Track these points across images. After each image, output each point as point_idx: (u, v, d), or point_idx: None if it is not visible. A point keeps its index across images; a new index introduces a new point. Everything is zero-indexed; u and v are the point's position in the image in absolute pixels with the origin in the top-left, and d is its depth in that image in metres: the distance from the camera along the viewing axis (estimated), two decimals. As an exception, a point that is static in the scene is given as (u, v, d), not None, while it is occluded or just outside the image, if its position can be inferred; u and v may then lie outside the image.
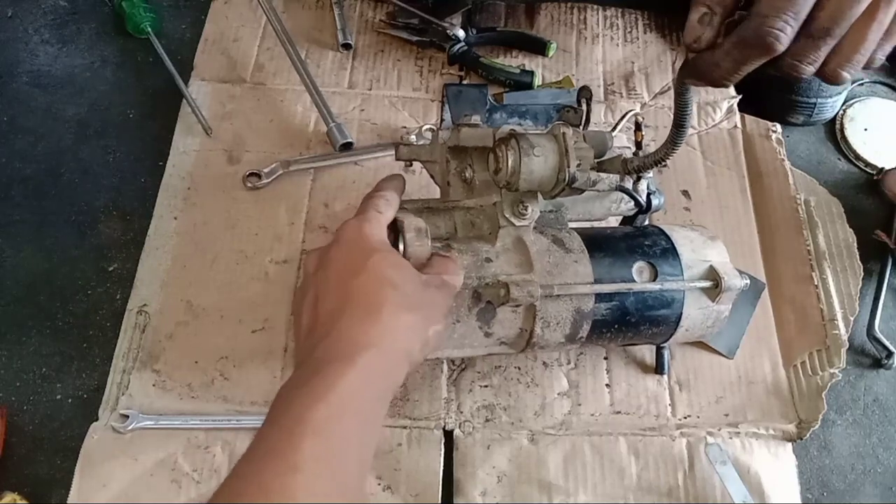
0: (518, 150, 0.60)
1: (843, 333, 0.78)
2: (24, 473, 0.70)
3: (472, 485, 0.70)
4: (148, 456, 0.69)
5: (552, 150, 0.61)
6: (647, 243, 0.68)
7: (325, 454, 0.42)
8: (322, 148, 0.91)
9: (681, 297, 0.66)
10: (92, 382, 0.75)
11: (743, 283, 0.67)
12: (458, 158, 0.68)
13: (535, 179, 0.61)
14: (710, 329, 0.70)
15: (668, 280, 0.65)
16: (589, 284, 0.64)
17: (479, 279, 0.62)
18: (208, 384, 0.74)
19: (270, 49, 0.99)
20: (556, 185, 0.61)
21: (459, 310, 0.62)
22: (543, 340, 0.65)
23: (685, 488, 0.70)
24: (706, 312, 0.68)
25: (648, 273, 0.66)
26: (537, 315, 0.63)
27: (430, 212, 0.66)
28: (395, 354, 0.50)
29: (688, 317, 0.67)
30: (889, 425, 0.77)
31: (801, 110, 0.97)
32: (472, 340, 0.65)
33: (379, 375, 0.48)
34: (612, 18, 1.06)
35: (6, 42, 1.01)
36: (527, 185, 0.61)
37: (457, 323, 0.63)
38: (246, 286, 0.80)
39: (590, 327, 0.65)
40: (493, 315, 0.63)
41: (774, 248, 0.85)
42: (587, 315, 0.64)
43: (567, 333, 0.65)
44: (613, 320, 0.66)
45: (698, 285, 0.66)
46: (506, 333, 0.65)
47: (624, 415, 0.74)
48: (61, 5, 1.06)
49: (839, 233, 0.86)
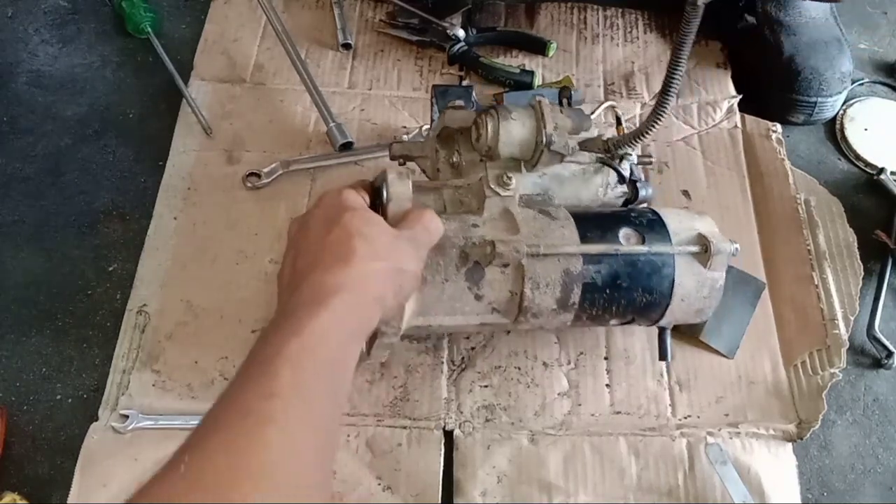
0: (497, 116, 0.66)
1: (844, 333, 0.78)
2: (24, 473, 0.70)
3: (472, 485, 0.70)
4: (148, 456, 0.69)
5: (529, 115, 0.66)
6: (633, 215, 0.69)
7: (299, 383, 0.45)
8: (322, 148, 0.91)
9: (671, 261, 0.66)
10: (92, 382, 0.75)
11: (732, 248, 0.67)
12: (446, 148, 0.72)
13: (514, 142, 0.66)
14: (706, 300, 0.69)
15: (655, 244, 0.66)
16: (575, 245, 0.65)
17: (466, 239, 0.64)
18: (208, 384, 0.74)
19: (270, 49, 0.99)
20: (535, 150, 0.66)
21: (447, 269, 0.63)
22: (535, 305, 0.65)
23: (685, 488, 0.70)
24: (700, 279, 0.67)
25: (636, 239, 0.67)
26: (526, 275, 0.64)
27: (420, 189, 0.67)
28: (366, 298, 0.53)
29: (681, 284, 0.67)
30: (889, 425, 0.77)
31: (801, 110, 0.97)
32: (464, 304, 0.65)
33: (350, 317, 0.51)
34: (612, 18, 1.06)
35: (6, 42, 1.01)
36: (507, 150, 0.66)
37: (446, 282, 0.63)
38: (246, 286, 0.80)
39: (581, 291, 0.65)
40: (481, 275, 0.64)
41: (775, 248, 0.85)
42: (576, 277, 0.65)
43: (558, 297, 0.65)
44: (604, 284, 0.65)
45: (687, 249, 0.67)
46: (496, 297, 0.65)
47: (624, 415, 0.74)
48: (61, 5, 1.06)
49: (839, 232, 0.86)
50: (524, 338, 0.78)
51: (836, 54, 0.95)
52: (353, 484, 0.69)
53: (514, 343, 0.78)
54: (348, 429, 0.72)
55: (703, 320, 0.71)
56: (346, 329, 0.50)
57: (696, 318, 0.70)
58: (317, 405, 0.46)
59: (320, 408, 0.46)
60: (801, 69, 0.94)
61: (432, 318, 0.65)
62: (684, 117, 0.96)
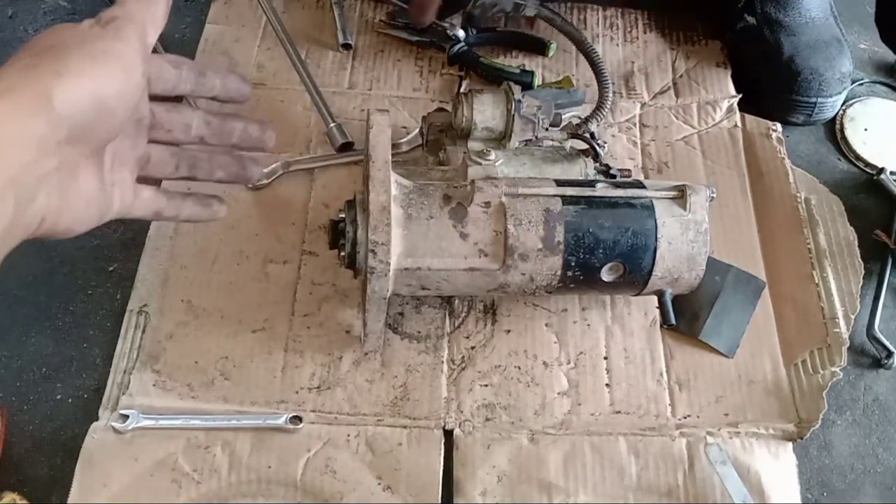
0: (471, 97, 0.75)
1: (844, 332, 0.78)
2: (24, 473, 0.70)
3: (472, 484, 0.70)
4: (148, 456, 0.69)
5: (499, 93, 0.76)
6: (608, 176, 0.75)
7: None
8: (322, 148, 0.91)
9: (650, 203, 0.69)
10: (92, 382, 0.75)
11: (709, 190, 0.70)
12: (434, 153, 0.80)
13: (486, 110, 0.75)
14: (693, 244, 0.69)
15: (631, 189, 0.70)
16: (553, 187, 0.69)
17: (448, 183, 0.68)
18: (208, 384, 0.74)
19: (270, 49, 0.99)
20: (507, 119, 0.75)
21: (431, 207, 0.66)
22: (520, 244, 0.66)
23: (685, 488, 0.70)
24: (682, 221, 0.69)
25: (612, 189, 0.70)
26: (507, 212, 0.66)
27: (409, 173, 0.70)
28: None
29: (664, 224, 0.68)
30: (889, 425, 0.77)
31: (800, 110, 0.97)
32: (450, 245, 0.66)
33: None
34: (612, 18, 1.06)
35: (6, 42, 1.01)
36: (482, 119, 0.75)
37: (430, 219, 0.66)
38: (246, 286, 0.80)
39: (564, 230, 0.67)
40: (464, 213, 0.66)
41: (775, 247, 0.85)
42: (558, 217, 0.67)
43: (542, 236, 0.67)
44: (587, 224, 0.67)
45: (663, 194, 0.69)
46: (481, 236, 0.67)
47: (624, 414, 0.74)
48: (61, 5, 1.06)
49: (840, 231, 0.86)
50: (524, 337, 0.78)
51: (836, 54, 0.95)
52: (353, 484, 0.69)
53: (514, 342, 0.78)
54: (348, 429, 0.72)
55: (698, 274, 0.71)
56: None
57: (690, 272, 0.70)
58: None
59: None
60: (801, 69, 0.94)
61: (420, 260, 0.66)
62: (684, 117, 0.96)
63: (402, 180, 0.68)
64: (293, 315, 0.78)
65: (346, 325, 0.78)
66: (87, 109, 0.44)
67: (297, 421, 0.71)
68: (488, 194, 0.66)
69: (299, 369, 0.75)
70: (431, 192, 0.67)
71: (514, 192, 0.67)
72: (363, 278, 0.67)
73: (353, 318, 0.78)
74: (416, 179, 0.69)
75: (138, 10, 0.49)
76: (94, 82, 0.45)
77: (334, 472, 0.69)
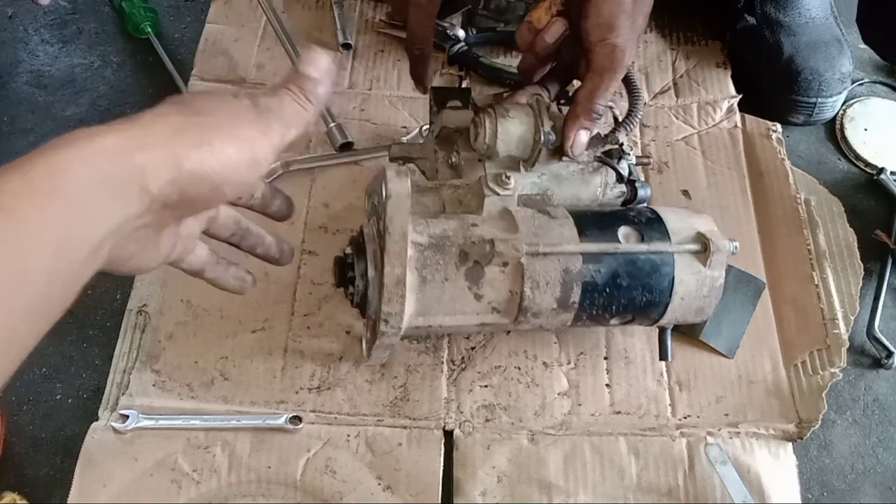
0: (494, 114, 0.66)
1: (844, 332, 0.78)
2: (24, 473, 0.70)
3: (472, 485, 0.70)
4: (148, 456, 0.69)
5: (526, 113, 0.67)
6: (631, 214, 0.69)
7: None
8: (322, 148, 0.91)
9: (670, 259, 0.66)
10: (92, 382, 0.75)
11: (732, 246, 0.67)
12: (445, 148, 0.72)
13: (512, 141, 0.66)
14: (706, 299, 0.68)
15: (654, 242, 0.66)
16: (575, 244, 0.65)
17: (465, 238, 0.64)
18: (208, 384, 0.74)
19: (270, 49, 0.99)
20: (533, 148, 0.67)
21: (447, 268, 0.64)
22: (535, 304, 0.65)
23: (685, 488, 0.70)
24: (699, 278, 0.67)
25: (635, 238, 0.67)
26: (525, 274, 0.64)
27: (419, 190, 0.68)
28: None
29: (681, 282, 0.67)
30: (889, 425, 0.77)
31: (800, 111, 0.97)
32: (464, 305, 0.65)
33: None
34: (612, 18, 1.06)
35: (6, 42, 1.02)
36: (505, 149, 0.67)
37: (445, 282, 0.64)
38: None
39: (581, 290, 0.65)
40: (481, 275, 0.64)
41: (775, 248, 0.85)
42: (576, 276, 0.65)
43: (558, 297, 0.65)
44: (604, 283, 0.65)
45: (686, 248, 0.67)
46: (496, 296, 0.65)
47: (624, 415, 0.74)
48: (61, 5, 1.06)
49: (840, 232, 0.86)
50: (524, 338, 0.78)
51: (836, 54, 0.95)
52: (353, 484, 0.69)
53: (514, 343, 0.78)
54: (348, 429, 0.72)
55: (704, 319, 0.71)
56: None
57: (697, 318, 0.70)
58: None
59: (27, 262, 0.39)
60: (801, 70, 0.94)
61: (432, 319, 0.65)
62: (684, 117, 0.96)
63: (418, 237, 0.63)
64: (293, 315, 0.78)
65: (346, 326, 0.78)
66: (204, 187, 0.45)
67: (297, 421, 0.71)
68: (507, 255, 0.63)
69: (299, 369, 0.75)
70: (448, 247, 0.63)
71: (535, 252, 0.63)
72: (371, 325, 0.67)
73: (353, 318, 0.78)
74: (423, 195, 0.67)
75: (292, 112, 0.49)
76: (225, 167, 0.45)
77: (334, 472, 0.69)
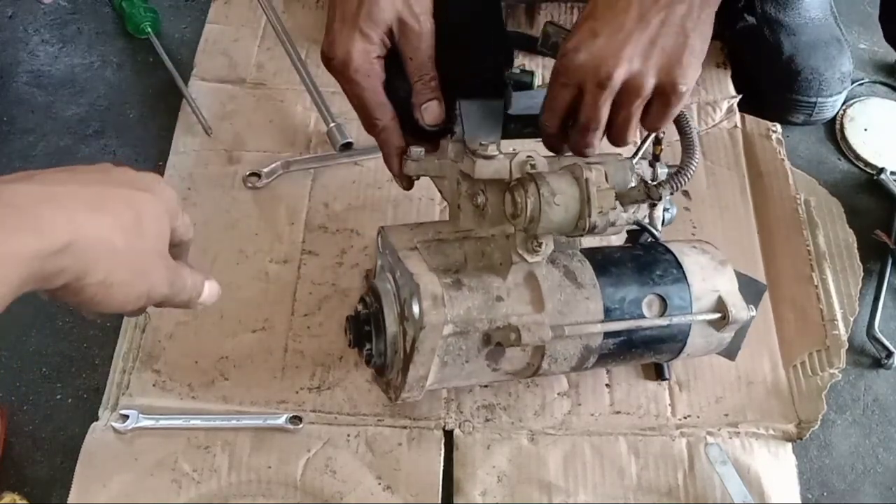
0: (538, 199, 0.57)
1: (843, 333, 0.78)
2: (24, 473, 0.70)
3: (472, 485, 0.70)
4: (148, 456, 0.69)
5: (573, 196, 0.58)
6: (658, 272, 0.67)
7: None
8: (322, 148, 0.91)
9: (687, 328, 0.67)
10: (92, 382, 0.75)
11: (749, 316, 0.67)
12: (469, 180, 0.64)
13: (553, 227, 0.59)
14: (710, 351, 0.72)
15: (676, 315, 0.66)
16: (599, 323, 0.63)
17: (490, 322, 0.61)
18: (208, 384, 0.74)
19: (270, 49, 0.99)
20: (575, 229, 0.60)
21: (469, 352, 0.62)
22: (549, 371, 0.67)
23: (685, 488, 0.70)
24: (709, 340, 0.69)
25: (658, 306, 0.66)
26: (546, 353, 0.64)
27: (441, 240, 0.65)
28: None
29: (691, 345, 0.69)
30: (889, 425, 0.77)
31: (800, 110, 0.97)
32: (481, 376, 0.66)
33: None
34: (612, 18, 1.06)
35: (6, 42, 1.02)
36: (544, 231, 0.60)
37: (466, 363, 0.63)
38: (246, 286, 0.80)
39: (595, 360, 0.67)
40: (501, 353, 0.64)
41: (774, 248, 0.85)
42: (595, 350, 0.65)
43: (573, 365, 0.66)
44: (619, 353, 0.67)
45: (706, 318, 0.66)
46: (513, 367, 0.66)
47: (624, 415, 0.74)
48: (61, 5, 1.06)
49: (839, 233, 0.86)
50: (524, 338, 0.78)
51: (836, 54, 0.95)
52: (353, 484, 0.69)
53: (514, 343, 0.78)
54: (348, 429, 0.72)
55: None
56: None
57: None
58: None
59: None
60: (801, 69, 0.94)
61: (447, 383, 0.67)
62: (684, 117, 0.96)
63: (444, 293, 0.60)
64: (293, 315, 0.78)
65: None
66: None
67: (297, 421, 0.71)
68: (531, 342, 0.60)
69: (299, 369, 0.75)
70: (471, 333, 0.61)
71: (561, 335, 0.61)
72: (386, 381, 0.68)
73: (353, 318, 0.78)
74: (447, 246, 0.64)
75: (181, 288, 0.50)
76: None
77: (334, 472, 0.69)
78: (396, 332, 0.63)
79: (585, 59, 0.58)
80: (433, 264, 0.62)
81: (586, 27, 0.59)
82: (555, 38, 0.69)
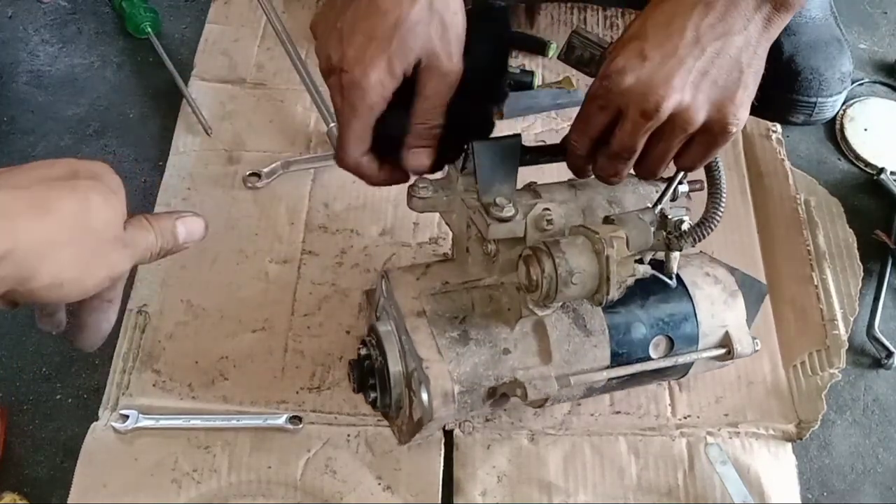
0: (555, 277, 0.54)
1: (843, 333, 0.78)
2: (24, 473, 0.70)
3: (472, 485, 0.70)
4: (148, 456, 0.69)
5: (592, 275, 0.54)
6: (668, 312, 0.65)
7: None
8: (322, 148, 0.91)
9: (691, 364, 0.67)
10: (92, 382, 0.75)
11: (752, 351, 0.67)
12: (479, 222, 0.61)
13: (568, 300, 0.58)
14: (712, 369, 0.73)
15: (682, 353, 0.65)
16: (606, 370, 0.62)
17: (497, 378, 0.60)
18: (208, 384, 0.74)
19: (270, 49, 0.99)
20: (592, 301, 0.56)
21: (475, 404, 0.61)
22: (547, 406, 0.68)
23: (685, 488, 0.70)
24: (709, 367, 0.70)
25: (664, 346, 0.65)
26: (550, 398, 0.62)
27: (449, 289, 0.62)
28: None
29: (692, 375, 0.71)
30: (889, 425, 0.77)
31: (801, 110, 0.96)
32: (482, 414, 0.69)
33: None
34: (612, 19, 1.06)
35: (6, 42, 1.02)
36: (560, 301, 0.57)
37: (471, 412, 0.63)
38: (246, 286, 0.80)
39: (598, 392, 0.68)
40: (506, 401, 0.63)
41: (774, 248, 0.85)
42: (598, 390, 0.66)
43: (575, 402, 0.69)
44: (621, 386, 0.68)
45: (711, 354, 0.66)
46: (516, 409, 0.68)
47: (624, 415, 0.74)
48: (61, 5, 1.06)
49: (839, 233, 0.86)
50: (524, 338, 0.78)
51: (836, 54, 0.95)
52: (353, 484, 0.69)
53: (514, 343, 0.78)
54: (348, 429, 0.72)
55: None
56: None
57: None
58: None
59: None
60: (801, 69, 0.94)
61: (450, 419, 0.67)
62: (684, 117, 0.96)
63: (454, 386, 0.59)
64: (293, 315, 0.78)
65: (347, 326, 0.78)
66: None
67: (297, 421, 0.71)
68: (538, 395, 0.59)
69: (299, 369, 0.75)
70: (477, 389, 0.60)
71: (567, 384, 0.60)
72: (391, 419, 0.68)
73: (353, 318, 0.78)
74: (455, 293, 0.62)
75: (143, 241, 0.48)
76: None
77: (334, 472, 0.69)
78: (402, 392, 0.62)
79: (632, 84, 0.52)
80: (440, 310, 0.61)
81: (634, 48, 0.53)
82: (580, 52, 0.60)
